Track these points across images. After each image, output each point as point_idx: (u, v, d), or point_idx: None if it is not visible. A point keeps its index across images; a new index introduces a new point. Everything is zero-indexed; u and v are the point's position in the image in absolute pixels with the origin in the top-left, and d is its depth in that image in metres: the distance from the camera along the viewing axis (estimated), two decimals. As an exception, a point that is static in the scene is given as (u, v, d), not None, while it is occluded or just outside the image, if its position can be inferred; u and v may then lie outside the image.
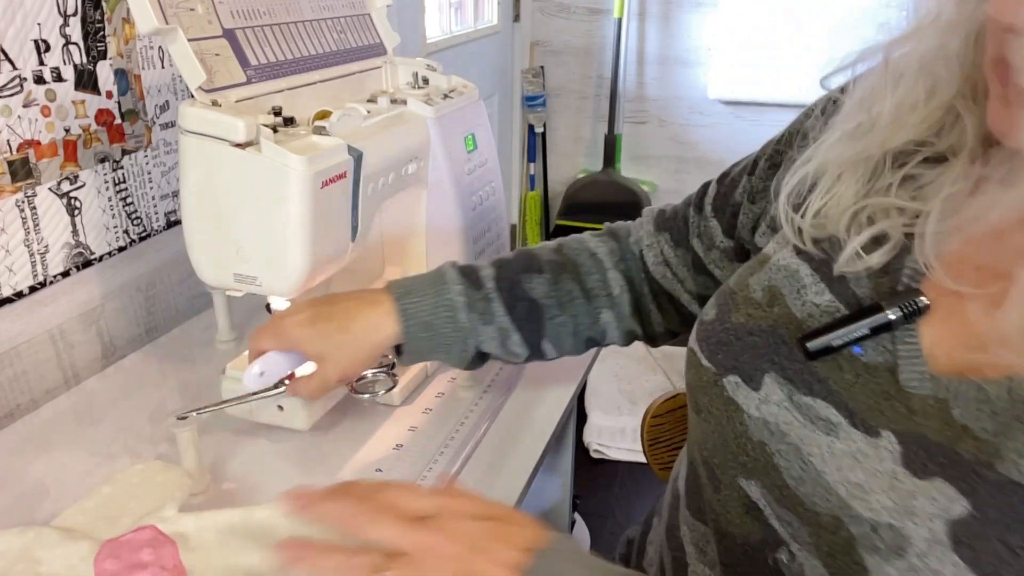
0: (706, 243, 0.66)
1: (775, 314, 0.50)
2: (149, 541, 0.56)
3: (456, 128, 0.88)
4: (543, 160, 2.67)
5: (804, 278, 0.50)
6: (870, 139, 0.48)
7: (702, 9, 2.39)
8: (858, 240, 0.47)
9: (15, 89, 0.76)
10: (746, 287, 0.53)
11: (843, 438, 0.45)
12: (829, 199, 0.49)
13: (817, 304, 0.49)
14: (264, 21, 0.73)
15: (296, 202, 0.64)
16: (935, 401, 0.43)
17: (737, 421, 0.50)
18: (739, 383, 0.50)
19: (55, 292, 0.85)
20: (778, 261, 0.53)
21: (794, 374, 0.48)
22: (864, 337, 0.46)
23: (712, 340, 0.53)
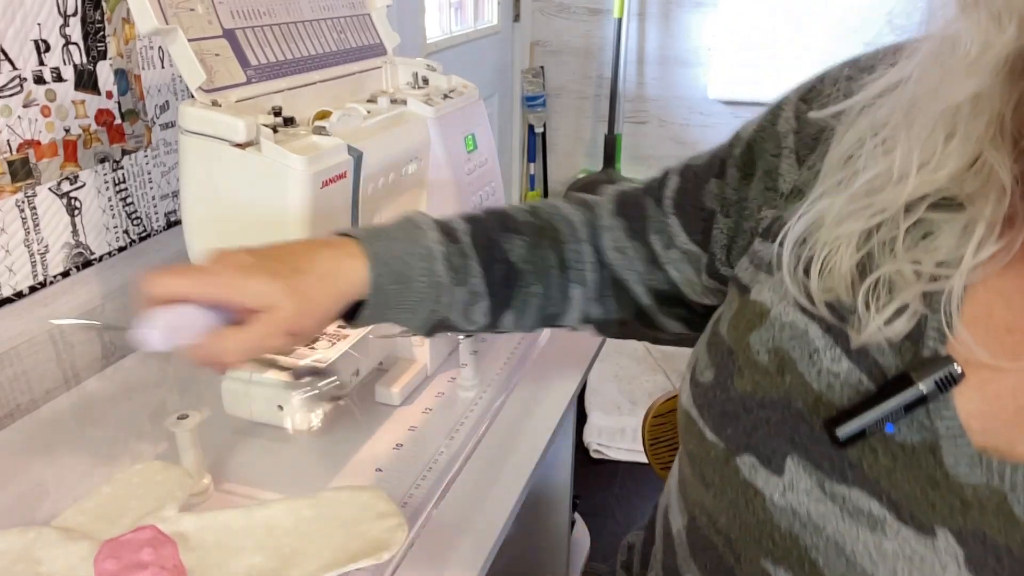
0: (664, 241, 0.59)
1: (787, 384, 0.45)
2: (149, 541, 0.56)
3: (456, 128, 0.88)
4: (543, 160, 2.67)
5: (815, 340, 0.45)
6: (885, 195, 0.42)
7: (702, 9, 2.39)
8: (880, 317, 0.42)
9: (15, 89, 0.76)
10: (747, 347, 0.47)
11: (892, 536, 0.40)
12: (830, 255, 0.44)
13: (836, 374, 0.43)
14: (264, 21, 0.73)
15: (296, 202, 0.64)
16: (990, 492, 0.39)
17: (759, 507, 0.45)
18: (756, 465, 0.45)
19: (55, 292, 0.85)
20: (781, 317, 0.47)
21: (821, 458, 0.43)
22: (898, 416, 0.41)
23: (715, 409, 0.48)
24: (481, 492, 0.69)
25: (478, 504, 0.68)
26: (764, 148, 0.52)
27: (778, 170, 0.51)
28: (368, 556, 0.57)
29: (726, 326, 0.50)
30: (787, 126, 0.51)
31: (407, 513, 0.65)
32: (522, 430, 0.78)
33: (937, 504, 0.40)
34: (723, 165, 0.56)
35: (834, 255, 0.44)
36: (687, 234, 0.58)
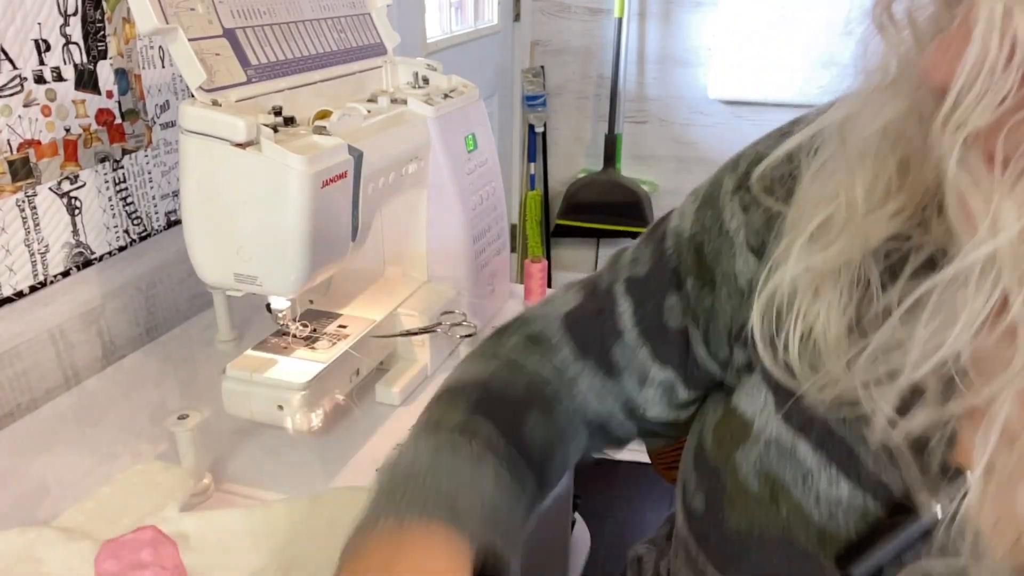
0: (638, 378, 0.51)
1: (784, 516, 0.40)
2: (149, 541, 0.56)
3: (456, 128, 0.88)
4: (543, 160, 2.67)
5: (805, 460, 0.39)
6: (844, 240, 0.37)
7: (702, 9, 2.39)
8: (888, 403, 0.35)
9: (15, 89, 0.76)
10: (734, 469, 0.42)
11: None
12: (813, 326, 0.38)
13: (836, 501, 0.38)
14: (264, 21, 0.73)
15: (296, 202, 0.64)
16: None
17: None
18: None
19: (55, 292, 0.85)
20: (764, 430, 0.41)
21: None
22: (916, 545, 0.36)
23: (712, 545, 0.43)
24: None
25: (478, 504, 0.67)
26: (714, 248, 0.47)
27: (734, 269, 0.46)
28: None
29: (711, 437, 0.46)
30: (734, 222, 0.46)
31: (407, 513, 0.65)
32: (522, 430, 0.77)
33: None
34: (677, 275, 0.49)
35: (815, 329, 0.38)
36: (657, 361, 0.50)
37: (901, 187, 0.36)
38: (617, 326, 0.51)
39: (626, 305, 0.51)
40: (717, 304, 0.47)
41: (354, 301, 0.88)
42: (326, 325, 0.82)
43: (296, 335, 0.78)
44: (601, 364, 0.52)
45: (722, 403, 0.46)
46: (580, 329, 0.53)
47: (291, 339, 0.78)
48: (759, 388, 0.43)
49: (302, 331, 0.79)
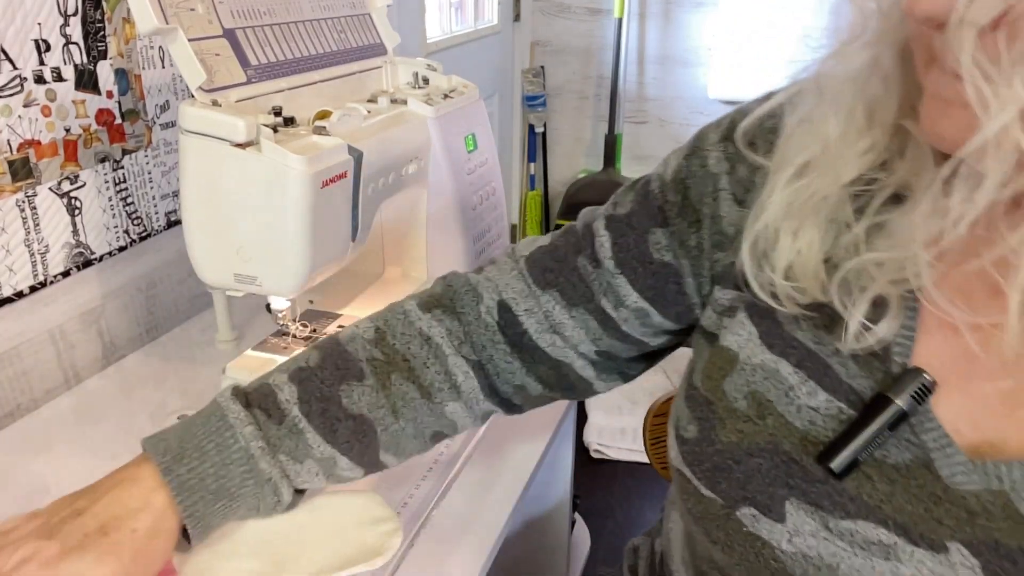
0: (614, 302, 0.54)
1: (770, 427, 0.44)
2: None
3: (456, 128, 0.88)
4: (543, 160, 2.67)
5: (788, 377, 0.44)
6: (821, 176, 0.42)
7: (702, 9, 2.39)
8: (858, 311, 0.41)
9: (15, 89, 0.76)
10: (723, 395, 0.47)
11: (907, 560, 0.39)
12: (795, 257, 0.43)
13: (814, 408, 0.43)
14: (264, 21, 0.73)
15: (296, 202, 0.64)
16: (993, 496, 0.39)
17: (769, 558, 0.43)
18: (757, 515, 0.44)
19: (55, 292, 0.85)
20: (751, 360, 0.46)
21: (820, 497, 0.42)
22: (886, 438, 0.41)
23: (706, 465, 0.47)
24: (481, 492, 0.69)
25: (478, 504, 0.68)
26: (700, 191, 0.51)
27: (719, 212, 0.50)
28: (362, 561, 0.57)
29: (700, 377, 0.49)
30: (720, 167, 0.50)
31: (407, 514, 0.65)
32: (522, 430, 0.78)
33: (943, 519, 0.39)
34: (662, 212, 0.53)
35: (796, 260, 0.43)
36: (638, 292, 0.53)
37: (868, 129, 0.41)
38: (597, 255, 0.55)
39: (606, 237, 0.54)
40: (702, 242, 0.51)
41: (354, 301, 0.88)
42: (326, 325, 0.82)
43: (296, 335, 0.79)
44: (573, 291, 0.55)
45: (707, 348, 0.50)
46: (546, 264, 0.57)
47: (291, 339, 0.78)
48: (743, 325, 0.47)
49: (302, 331, 0.79)
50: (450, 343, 0.57)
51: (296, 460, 0.53)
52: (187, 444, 0.51)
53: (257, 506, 0.53)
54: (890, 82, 0.40)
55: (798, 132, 0.44)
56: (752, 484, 0.44)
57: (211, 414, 0.52)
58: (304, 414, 0.53)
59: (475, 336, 0.58)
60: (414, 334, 0.57)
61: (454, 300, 0.59)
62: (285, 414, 0.53)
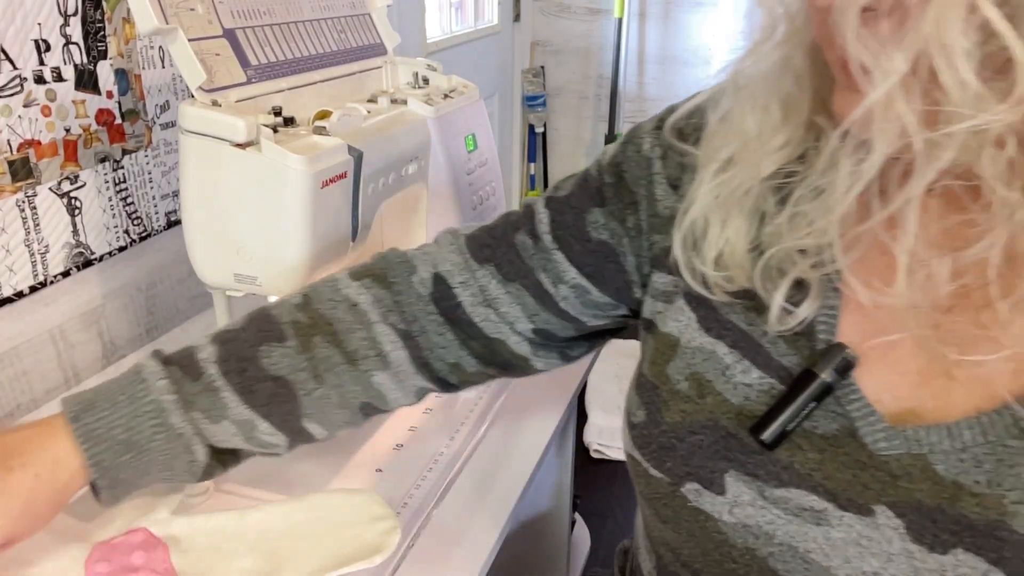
0: (552, 278, 0.55)
1: (710, 405, 0.47)
2: (141, 544, 0.56)
3: (456, 128, 0.88)
4: (543, 160, 2.67)
5: (724, 358, 0.47)
6: (743, 170, 0.45)
7: (702, 9, 2.39)
8: (779, 294, 0.44)
9: (15, 89, 0.76)
10: (667, 379, 0.49)
11: (837, 524, 0.42)
12: (725, 246, 0.46)
13: (748, 384, 0.46)
14: (264, 21, 0.73)
15: (296, 202, 0.64)
16: (913, 459, 0.41)
17: (712, 530, 0.46)
18: (700, 490, 0.46)
19: (55, 292, 0.85)
20: (690, 343, 0.49)
21: (755, 468, 0.45)
22: (813, 409, 0.43)
23: (652, 446, 0.49)
24: (481, 492, 0.69)
25: (478, 504, 0.68)
26: (636, 174, 0.53)
27: (655, 195, 0.52)
28: (361, 560, 0.57)
29: (647, 364, 0.51)
30: (653, 152, 0.52)
31: (407, 513, 0.65)
32: (522, 430, 0.78)
33: (869, 483, 0.42)
34: (600, 193, 0.54)
35: (726, 248, 0.46)
36: (576, 268, 0.54)
37: (784, 125, 0.43)
38: (536, 231, 0.56)
39: (545, 215, 0.56)
40: (640, 223, 0.53)
41: (354, 301, 0.88)
42: (326, 325, 0.82)
43: (296, 335, 0.78)
44: (510, 266, 0.56)
45: (651, 337, 0.52)
46: (484, 241, 0.58)
47: (291, 339, 0.78)
48: (682, 311, 0.50)
49: (302, 331, 0.79)
50: (377, 310, 0.56)
51: (212, 420, 0.52)
52: (100, 396, 0.51)
53: (170, 464, 0.51)
54: (802, 80, 0.42)
55: (719, 129, 0.46)
56: (694, 460, 0.47)
57: (127, 372, 0.52)
58: (222, 372, 0.52)
59: (406, 307, 0.57)
60: (340, 299, 0.57)
61: (386, 270, 0.58)
62: (202, 371, 0.52)
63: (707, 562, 0.47)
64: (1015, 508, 0.38)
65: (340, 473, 0.71)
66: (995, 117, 0.32)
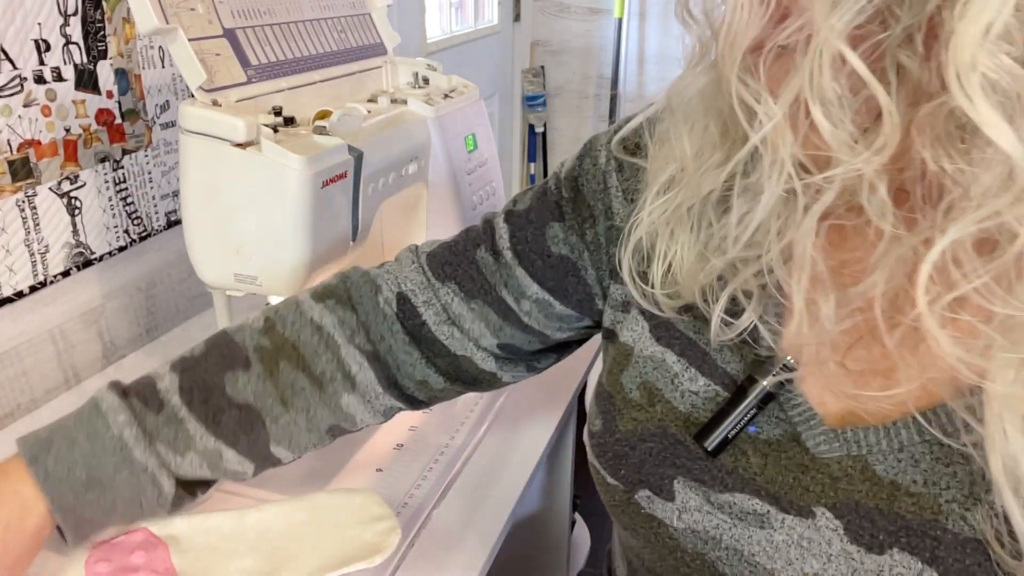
0: (515, 294, 0.55)
1: (659, 413, 0.48)
2: (141, 544, 0.56)
3: (456, 128, 0.88)
4: (543, 160, 2.67)
5: (672, 366, 0.48)
6: (684, 189, 0.45)
7: (702, 9, 2.39)
8: (718, 307, 0.44)
9: (15, 89, 0.76)
10: (621, 387, 0.50)
11: (779, 527, 0.43)
12: (672, 261, 0.46)
13: (695, 392, 0.47)
14: (264, 21, 0.73)
15: (296, 202, 0.64)
16: (852, 460, 0.42)
17: (664, 536, 0.47)
18: (651, 496, 0.47)
19: (55, 292, 0.85)
20: (642, 352, 0.50)
21: (702, 473, 0.46)
22: (754, 415, 0.44)
23: (608, 455, 0.50)
24: (481, 492, 0.69)
25: (478, 504, 0.68)
26: (593, 187, 0.53)
27: (611, 208, 0.52)
28: (360, 560, 0.57)
29: (605, 374, 0.53)
30: (609, 165, 0.52)
31: (407, 513, 0.65)
32: (522, 430, 0.78)
33: (810, 486, 0.43)
34: (559, 207, 0.54)
35: (674, 263, 0.46)
36: (538, 283, 0.55)
37: (722, 142, 0.43)
38: (497, 247, 0.56)
39: (504, 230, 0.56)
40: (599, 236, 0.53)
41: (354, 301, 0.88)
42: (326, 325, 0.82)
43: (296, 335, 0.78)
44: (472, 284, 0.56)
45: (610, 346, 0.53)
46: (445, 258, 0.58)
47: (291, 339, 0.78)
48: (636, 321, 0.51)
49: (302, 331, 0.79)
50: (342, 332, 0.56)
51: (176, 451, 0.51)
52: (56, 435, 0.50)
53: (138, 499, 0.51)
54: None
55: (659, 151, 0.47)
56: (646, 467, 0.48)
57: (85, 406, 0.51)
58: (185, 403, 0.52)
59: (372, 327, 0.57)
60: (305, 323, 0.56)
61: (350, 290, 0.58)
62: (164, 403, 0.51)
63: (665, 567, 0.48)
64: (949, 507, 0.39)
65: (340, 473, 0.71)
66: (858, 163, 0.32)
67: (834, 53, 0.31)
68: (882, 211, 0.34)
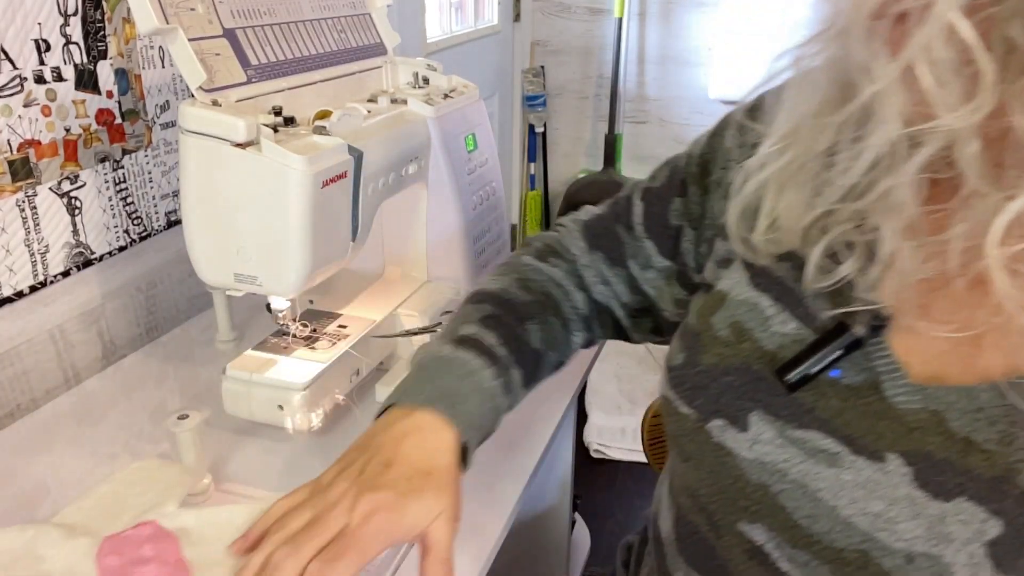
0: (641, 263, 0.64)
1: (745, 350, 0.50)
2: (150, 536, 0.56)
3: (456, 128, 0.88)
4: (543, 160, 2.67)
5: (766, 309, 0.51)
6: (798, 146, 0.47)
7: (702, 9, 2.39)
8: (817, 251, 0.47)
9: (15, 89, 0.76)
10: (710, 326, 0.53)
11: (847, 467, 0.45)
12: (779, 213, 0.49)
13: (785, 333, 0.49)
14: (264, 21, 0.73)
15: (296, 202, 0.64)
16: (928, 415, 0.44)
17: (730, 466, 0.49)
18: (725, 426, 0.50)
19: (55, 292, 0.85)
20: (736, 296, 0.53)
21: (780, 409, 0.48)
22: (838, 359, 0.46)
23: (686, 385, 0.53)
24: (481, 492, 0.69)
25: (478, 504, 0.68)
26: (715, 164, 0.58)
27: (727, 179, 0.55)
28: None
29: (693, 316, 0.56)
30: (732, 141, 0.56)
31: (407, 513, 0.65)
32: (522, 430, 0.78)
33: (884, 433, 0.45)
34: (683, 184, 0.61)
35: (780, 216, 0.49)
36: (660, 254, 0.63)
37: (840, 103, 0.44)
38: (628, 221, 0.64)
39: (640, 207, 0.64)
40: (708, 206, 0.58)
41: (354, 301, 0.88)
42: (326, 325, 0.82)
43: (296, 335, 0.79)
44: (611, 254, 0.65)
45: (703, 296, 0.57)
46: (595, 230, 0.67)
47: (291, 339, 0.78)
48: (736, 270, 0.54)
49: (302, 331, 0.79)
50: (569, 281, 0.67)
51: (508, 393, 0.59)
52: (448, 391, 0.56)
53: (490, 432, 0.59)
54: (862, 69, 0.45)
55: (778, 112, 0.49)
56: (724, 398, 0.50)
57: (458, 364, 0.57)
58: (509, 354, 0.59)
59: (577, 276, 0.67)
60: (547, 279, 0.66)
61: (553, 248, 0.69)
62: (499, 358, 0.59)
63: (723, 500, 0.51)
64: (1020, 467, 0.41)
65: (340, 473, 0.70)
66: (956, 120, 0.36)
67: (948, 22, 0.34)
68: (973, 166, 0.37)
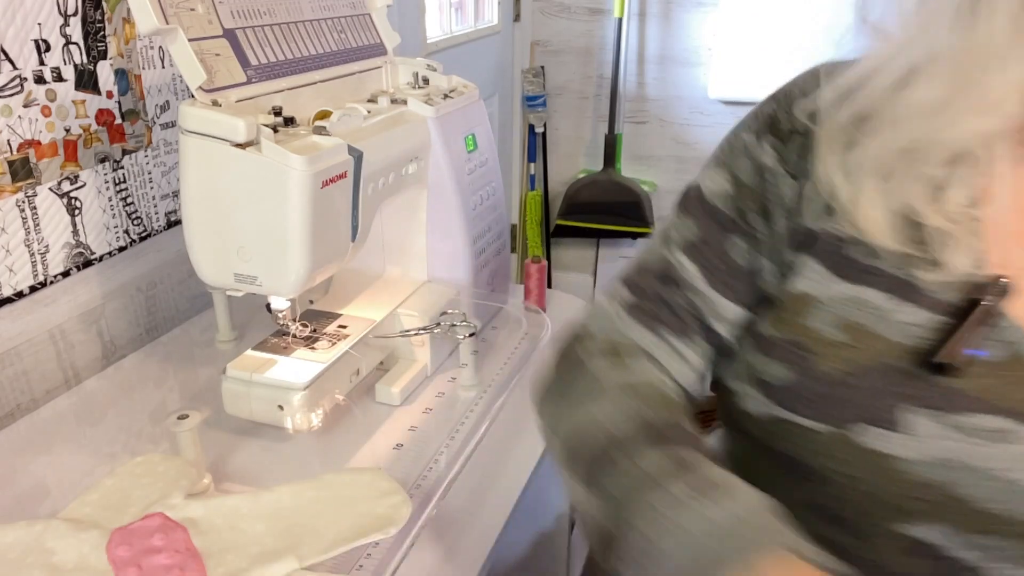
0: (713, 317, 0.56)
1: (873, 348, 0.48)
2: (159, 527, 0.56)
3: (456, 128, 0.88)
4: (543, 160, 2.66)
5: (877, 302, 0.48)
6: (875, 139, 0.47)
7: (702, 9, 2.39)
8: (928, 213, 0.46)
9: (15, 89, 0.76)
10: (811, 332, 0.50)
11: (1019, 441, 0.44)
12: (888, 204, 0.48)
13: (911, 323, 0.47)
14: (264, 21, 0.73)
15: (296, 202, 0.64)
16: None
17: (888, 469, 0.47)
18: (870, 430, 0.47)
19: (55, 292, 0.85)
20: (835, 296, 0.49)
21: (933, 399, 0.46)
22: (978, 337, 0.45)
23: (804, 399, 0.49)
24: (481, 492, 0.69)
25: (478, 504, 0.68)
26: (765, 187, 0.54)
27: (781, 194, 0.53)
28: (375, 531, 0.59)
29: (770, 328, 0.52)
30: (770, 160, 0.54)
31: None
32: (522, 430, 0.78)
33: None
34: (733, 222, 0.55)
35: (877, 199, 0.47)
36: (738, 305, 0.55)
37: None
38: (691, 284, 0.56)
39: (691, 267, 0.56)
40: (774, 228, 0.54)
41: (354, 301, 0.88)
42: (326, 325, 0.82)
43: (296, 335, 0.79)
44: (675, 328, 0.56)
45: (766, 310, 0.54)
46: (643, 312, 0.57)
47: (291, 339, 0.78)
48: (811, 268, 0.51)
49: (302, 331, 0.79)
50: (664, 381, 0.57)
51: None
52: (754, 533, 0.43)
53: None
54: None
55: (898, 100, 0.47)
56: (863, 401, 0.47)
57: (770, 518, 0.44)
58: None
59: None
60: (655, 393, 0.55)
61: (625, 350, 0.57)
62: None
63: (873, 506, 0.48)
64: None
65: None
66: None
67: None
68: None
